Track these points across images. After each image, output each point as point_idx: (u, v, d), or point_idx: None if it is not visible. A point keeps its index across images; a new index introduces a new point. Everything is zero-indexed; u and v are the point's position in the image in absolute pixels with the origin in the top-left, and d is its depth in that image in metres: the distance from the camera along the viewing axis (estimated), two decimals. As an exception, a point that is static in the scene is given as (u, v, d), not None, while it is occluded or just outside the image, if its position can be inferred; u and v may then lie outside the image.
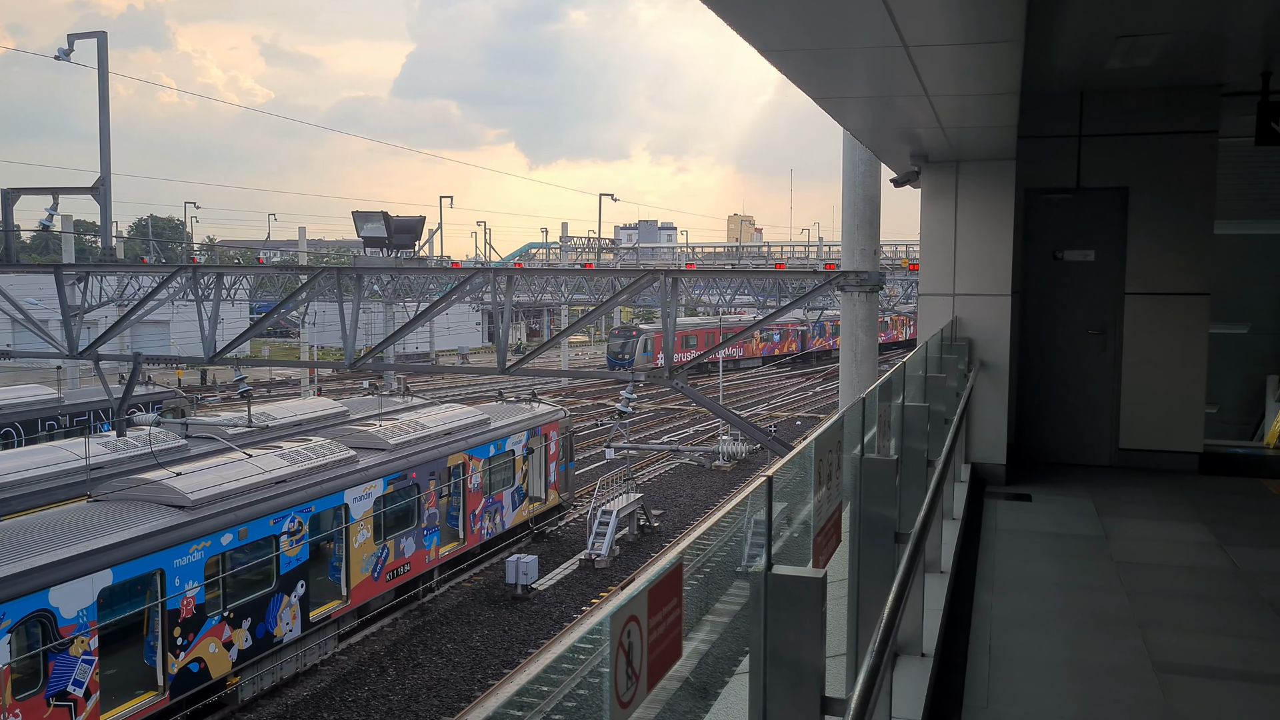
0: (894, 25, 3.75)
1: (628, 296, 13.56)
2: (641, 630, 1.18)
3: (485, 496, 22.74)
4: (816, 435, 2.40)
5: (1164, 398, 8.77)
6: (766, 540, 1.93)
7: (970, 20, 3.73)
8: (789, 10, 3.62)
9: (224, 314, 31.36)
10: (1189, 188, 8.57)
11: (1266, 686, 4.41)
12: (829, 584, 1.92)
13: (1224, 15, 6.29)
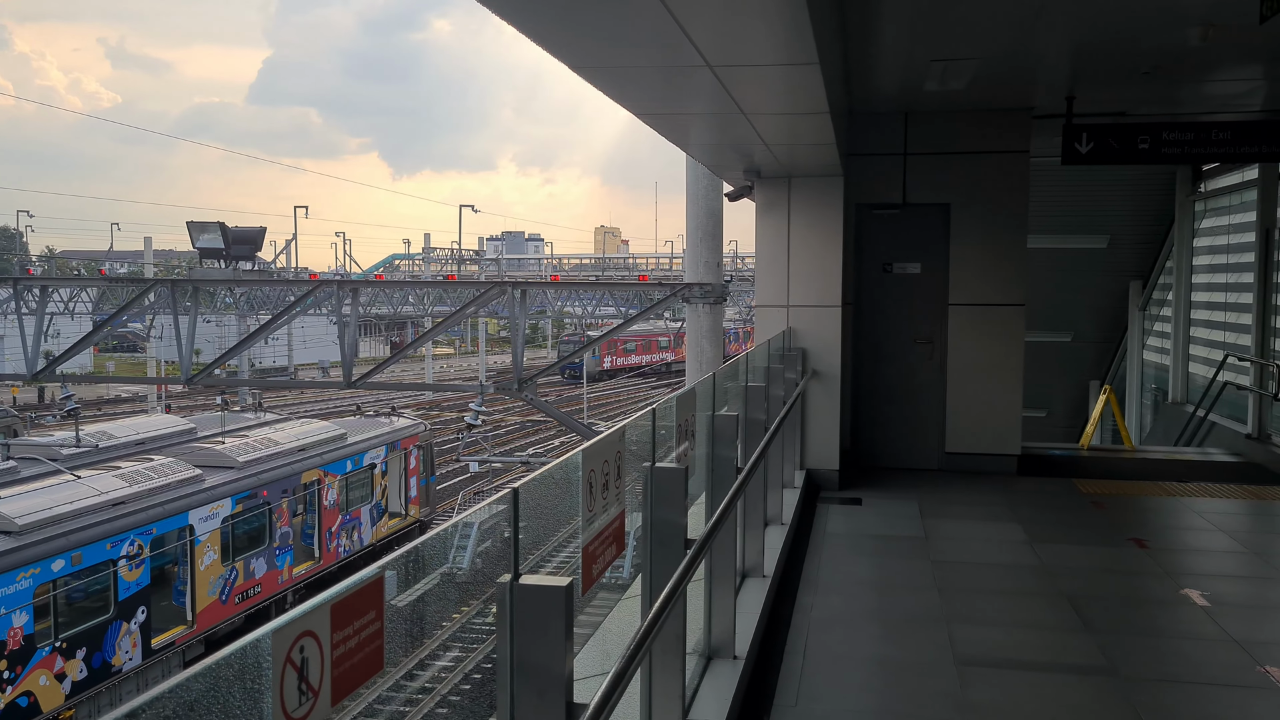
0: (694, 47, 3.87)
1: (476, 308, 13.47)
2: (321, 646, 1.20)
3: (342, 513, 22.22)
4: (585, 447, 2.45)
5: (986, 403, 9.23)
6: (513, 552, 1.97)
7: (764, 44, 3.87)
8: (590, 29, 3.69)
9: (64, 329, 29.66)
10: (1004, 204, 9.05)
11: (1056, 674, 4.68)
12: (626, 592, 1.97)
13: (1027, 43, 6.68)
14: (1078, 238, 13.79)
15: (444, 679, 18.18)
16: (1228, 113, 9.13)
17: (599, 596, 12.77)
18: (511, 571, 1.95)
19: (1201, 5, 5.74)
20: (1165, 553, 6.67)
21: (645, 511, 3.17)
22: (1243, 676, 4.60)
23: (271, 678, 1.09)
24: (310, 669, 1.18)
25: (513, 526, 1.95)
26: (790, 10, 3.38)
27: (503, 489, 5.11)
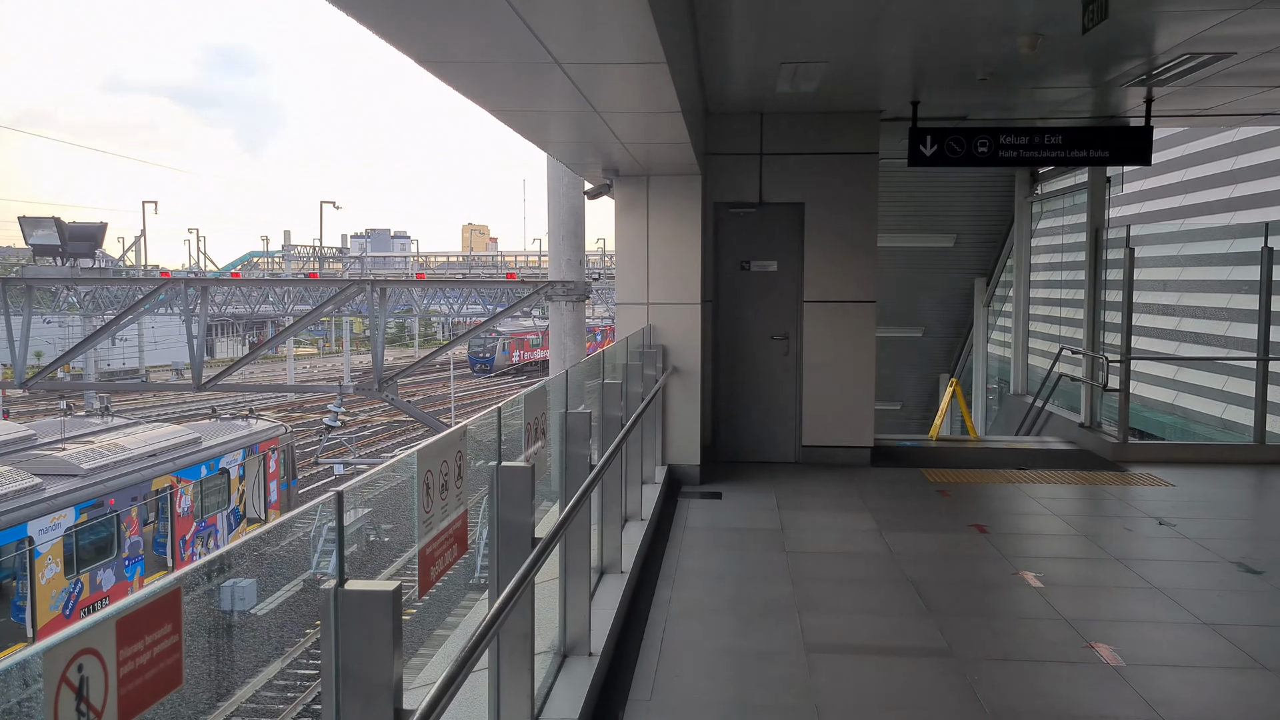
0: (539, 43, 3.86)
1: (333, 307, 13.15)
2: (104, 663, 1.15)
3: (197, 520, 21.38)
4: (420, 448, 2.42)
5: (840, 397, 9.51)
6: (338, 556, 1.93)
7: (609, 41, 3.90)
8: (431, 21, 3.64)
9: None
10: (855, 204, 9.34)
11: (898, 657, 4.86)
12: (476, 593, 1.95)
13: (870, 49, 6.90)
14: (926, 236, 14.33)
15: (306, 688, 17.69)
16: (1060, 118, 9.64)
17: (466, 598, 12.62)
18: (336, 576, 1.91)
19: (1029, 16, 6.04)
20: (1003, 537, 7.00)
21: (491, 511, 3.15)
22: (1070, 652, 4.86)
23: (44, 699, 1.04)
24: (92, 688, 1.13)
25: (338, 531, 1.91)
26: (632, 8, 3.40)
27: (367, 490, 4.92)
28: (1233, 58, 7.09)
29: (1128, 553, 6.66)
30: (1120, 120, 9.48)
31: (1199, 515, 7.63)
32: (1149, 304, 24.02)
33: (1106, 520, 7.70)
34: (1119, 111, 9.24)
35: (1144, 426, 23.15)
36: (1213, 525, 7.32)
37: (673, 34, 4.47)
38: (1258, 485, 8.87)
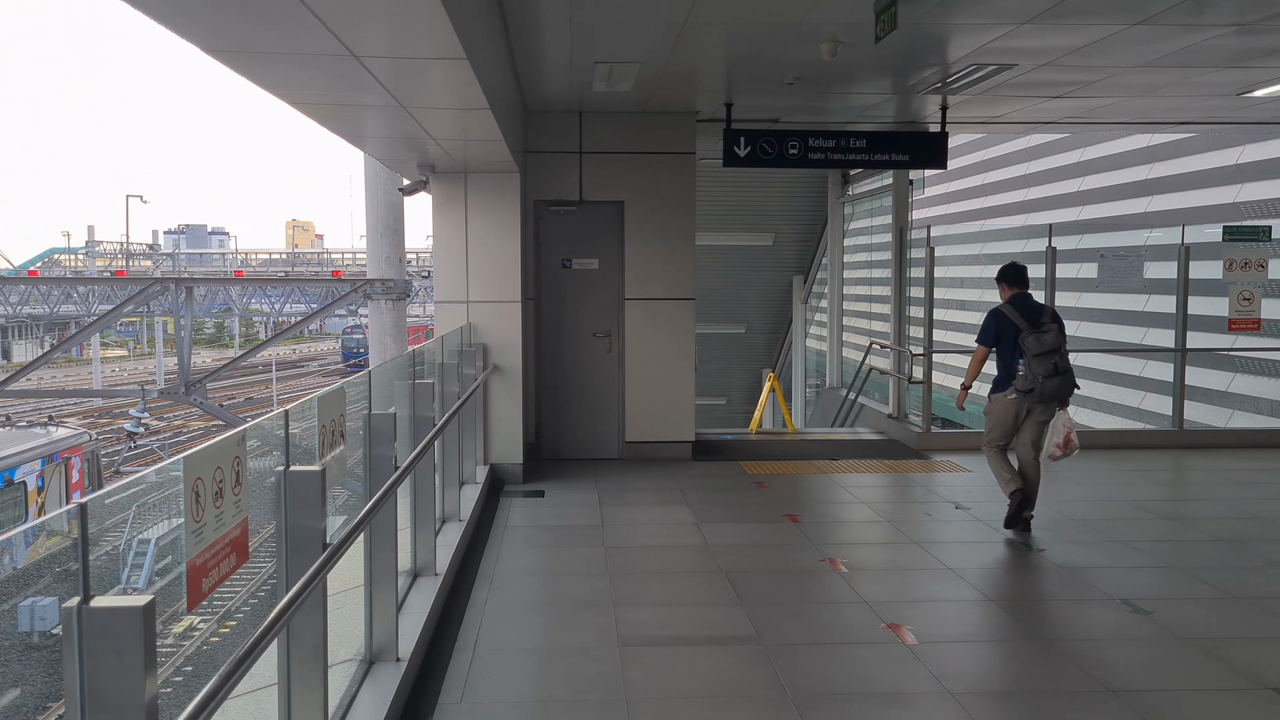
0: (331, 34, 3.75)
1: (134, 307, 12.46)
2: None
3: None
4: (188, 455, 2.32)
5: (661, 393, 9.65)
6: (82, 571, 1.82)
7: (402, 35, 3.83)
8: (215, 9, 3.49)
9: None
10: (674, 203, 9.50)
11: (708, 647, 4.97)
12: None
13: (682, 52, 7.02)
14: (747, 235, 14.73)
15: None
16: (867, 123, 10.07)
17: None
18: (80, 593, 1.81)
19: (828, 24, 6.28)
20: (814, 526, 7.26)
21: (279, 517, 3.05)
22: (870, 634, 5.09)
23: None
24: None
25: (81, 544, 1.81)
26: (424, 1, 3.35)
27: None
28: (1016, 69, 7.57)
29: (926, 536, 7.02)
30: (920, 126, 9.98)
31: (991, 499, 8.10)
32: (954, 300, 25.44)
33: (909, 506, 8.10)
34: (919, 118, 9.72)
35: (951, 416, 24.55)
36: (1003, 508, 7.78)
37: (475, 29, 4.43)
38: (1046, 468, 9.48)
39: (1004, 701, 4.28)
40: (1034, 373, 6.71)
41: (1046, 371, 6.67)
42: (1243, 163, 16.96)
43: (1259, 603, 5.51)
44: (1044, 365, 6.67)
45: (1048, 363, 6.67)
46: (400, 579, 5.27)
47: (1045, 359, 6.67)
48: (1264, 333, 10.56)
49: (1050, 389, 6.70)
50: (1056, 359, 6.69)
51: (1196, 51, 7.08)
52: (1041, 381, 6.69)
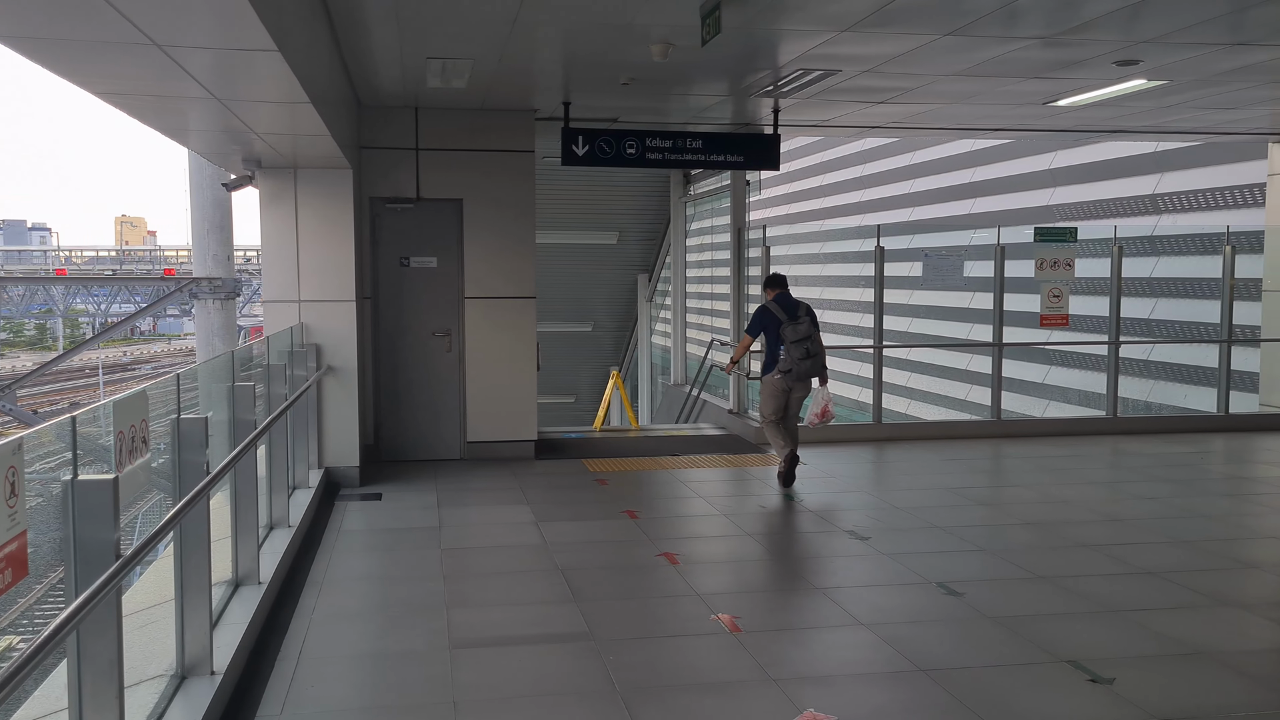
0: (127, 21, 3.58)
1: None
2: None
3: None
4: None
5: (503, 392, 9.60)
6: None
7: (203, 23, 3.69)
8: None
9: None
10: (514, 201, 9.46)
11: (541, 645, 4.97)
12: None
13: (515, 50, 6.99)
14: (592, 234, 14.80)
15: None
16: (705, 125, 10.26)
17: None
18: None
19: (658, 26, 6.36)
20: (652, 521, 7.36)
21: (67, 530, 2.89)
22: (700, 626, 5.19)
23: None
24: None
25: None
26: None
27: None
28: (840, 74, 7.85)
29: (758, 528, 7.21)
30: (755, 128, 10.23)
31: (825, 490, 8.40)
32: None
33: (745, 499, 8.29)
34: (753, 120, 9.96)
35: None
36: (835, 498, 8.09)
37: (289, 20, 4.30)
38: (876, 460, 9.90)
39: (822, 685, 4.43)
40: (792, 356, 8.17)
41: (801, 355, 8.16)
42: (1055, 168, 18.07)
43: (1059, 581, 5.88)
44: (799, 349, 8.16)
45: (801, 348, 8.16)
46: (221, 589, 5.09)
47: (800, 345, 8.16)
48: (1072, 328, 11.26)
49: (804, 369, 8.20)
50: (809, 345, 8.18)
51: (1005, 62, 7.49)
52: (798, 363, 8.17)
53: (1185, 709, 4.15)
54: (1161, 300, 15.74)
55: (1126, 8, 6.01)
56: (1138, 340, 15.38)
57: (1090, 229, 14.39)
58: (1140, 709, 4.14)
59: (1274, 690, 4.38)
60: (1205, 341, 14.21)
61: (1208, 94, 8.74)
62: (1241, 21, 6.38)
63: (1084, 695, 4.29)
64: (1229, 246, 11.52)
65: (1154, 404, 15.17)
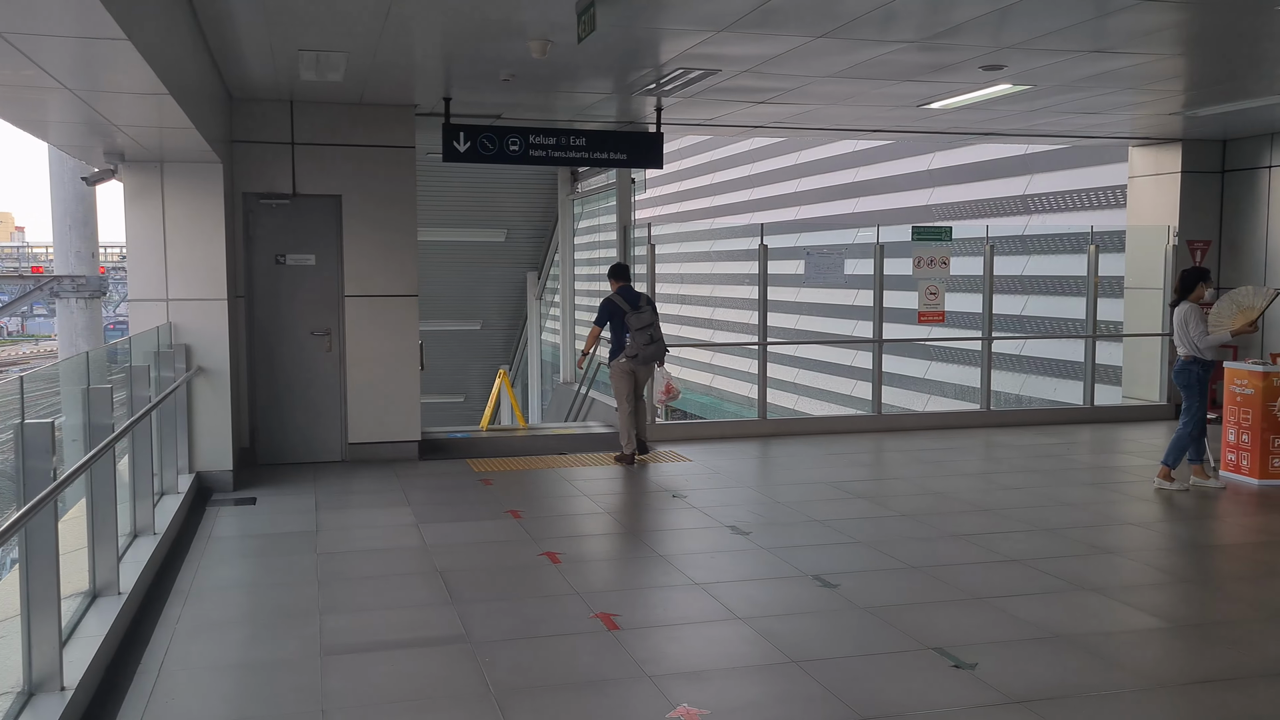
0: (-41, 6, 3.39)
1: None
2: None
3: None
4: None
5: (385, 393, 9.42)
6: None
7: (44, 10, 3.51)
8: None
9: None
10: (394, 198, 9.29)
11: (416, 649, 4.89)
12: None
13: (390, 43, 6.86)
14: (480, 231, 14.66)
15: None
16: (591, 122, 10.24)
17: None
18: None
19: (535, 22, 6.32)
20: (536, 520, 7.31)
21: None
22: (578, 625, 5.17)
23: None
24: None
25: None
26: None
27: None
28: (720, 74, 7.92)
29: (642, 526, 7.24)
30: (639, 126, 10.26)
31: (708, 486, 8.48)
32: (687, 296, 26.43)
33: (630, 497, 8.32)
34: (637, 118, 9.99)
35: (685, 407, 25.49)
36: (717, 494, 8.16)
37: (138, 6, 4.12)
38: (761, 455, 10.04)
39: (697, 680, 4.46)
40: (637, 342, 9.09)
41: (645, 341, 9.11)
42: (933, 169, 18.61)
43: (930, 570, 6.05)
44: (643, 336, 9.09)
45: (645, 335, 9.09)
46: (76, 601, 4.88)
47: (643, 332, 9.09)
48: (949, 324, 11.60)
49: (648, 354, 9.15)
50: (652, 331, 9.13)
51: (881, 64, 7.66)
52: (643, 348, 9.10)
53: (1042, 690, 4.31)
54: (1032, 297, 16.37)
55: (994, 13, 6.20)
56: (1010, 336, 15.94)
57: (966, 228, 14.87)
58: (999, 692, 4.28)
59: (1125, 670, 4.58)
60: (1072, 337, 14.82)
61: (1071, 99, 9.10)
62: (1102, 29, 6.65)
63: (948, 680, 4.42)
64: (1093, 246, 12.03)
65: (1025, 397, 15.78)
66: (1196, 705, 4.23)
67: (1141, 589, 5.84)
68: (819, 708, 4.16)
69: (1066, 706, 4.15)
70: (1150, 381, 12.20)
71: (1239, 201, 11.72)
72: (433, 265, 14.97)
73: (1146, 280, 12.15)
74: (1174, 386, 11.69)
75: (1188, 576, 6.12)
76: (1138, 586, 5.88)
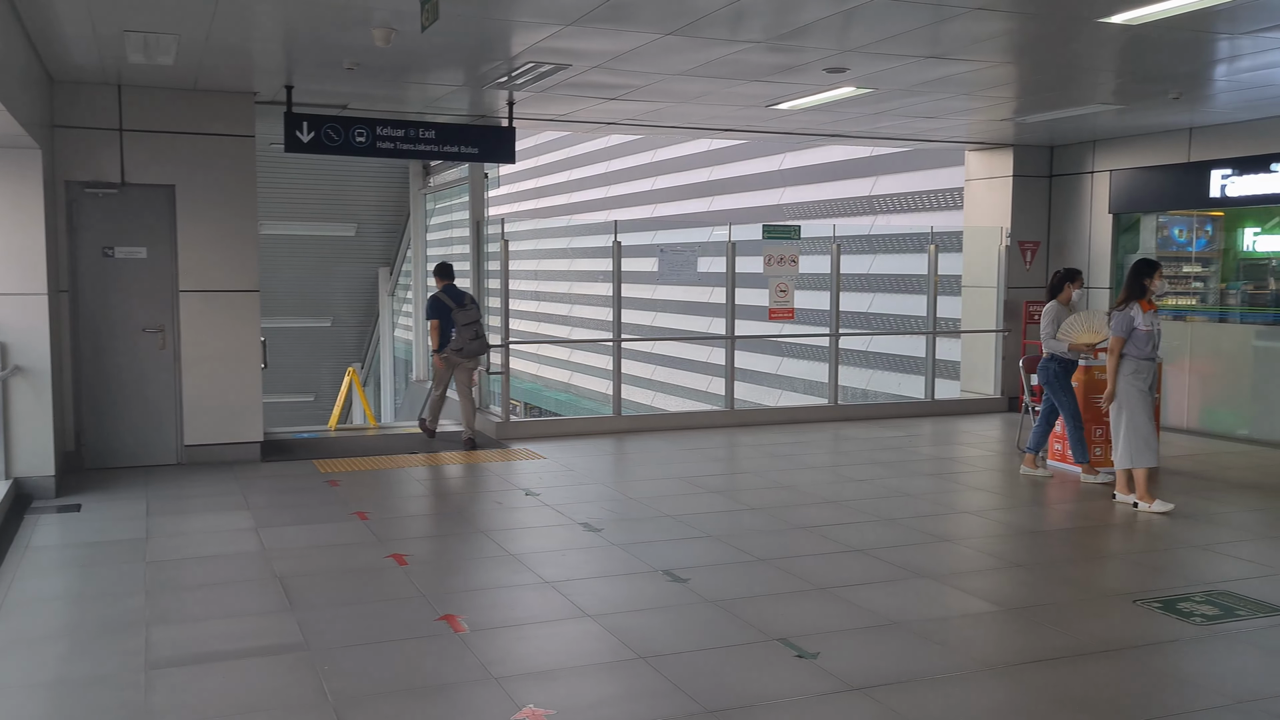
0: None
1: None
2: None
3: None
4: None
5: (225, 392, 9.03)
6: None
7: None
8: None
9: None
10: (233, 189, 8.91)
11: (250, 660, 4.68)
12: None
13: (225, 26, 6.55)
14: (329, 225, 14.23)
15: None
16: (442, 115, 10.04)
17: None
18: None
19: (378, 9, 6.14)
20: (383, 522, 7.12)
21: None
22: (423, 628, 5.04)
23: None
24: None
25: None
26: None
27: None
28: (571, 69, 7.88)
29: (493, 525, 7.14)
30: (492, 120, 10.12)
31: (561, 484, 8.43)
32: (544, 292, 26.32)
33: (482, 496, 8.19)
34: (490, 112, 9.85)
35: (544, 404, 25.40)
36: (570, 491, 8.13)
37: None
38: (615, 452, 10.05)
39: (544, 680, 4.41)
40: (463, 337, 9.65)
41: (470, 336, 9.68)
42: (784, 169, 19.04)
43: (777, 562, 6.16)
44: (469, 331, 9.68)
45: (471, 330, 9.68)
46: None
47: (470, 327, 9.68)
48: (798, 321, 11.87)
49: (472, 348, 9.73)
50: (476, 328, 9.72)
51: (730, 64, 7.76)
52: (469, 342, 9.68)
53: (880, 677, 4.43)
54: (878, 295, 16.95)
55: (838, 15, 6.35)
56: (856, 333, 16.45)
57: (815, 228, 15.25)
58: (839, 680, 4.38)
59: (959, 653, 4.75)
60: (914, 333, 15.40)
61: (911, 103, 9.43)
62: (938, 35, 6.89)
63: (791, 670, 4.50)
64: (933, 246, 12.51)
65: (871, 392, 16.32)
66: (1023, 685, 4.42)
67: (974, 574, 6.09)
68: (665, 703, 4.16)
69: (902, 691, 4.28)
70: (986, 376, 12.77)
71: (1065, 204, 12.39)
72: (279, 260, 14.45)
73: (982, 279, 12.72)
74: (1008, 380, 12.29)
75: (1017, 561, 6.41)
76: (971, 572, 6.13)
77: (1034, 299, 12.47)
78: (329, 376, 17.70)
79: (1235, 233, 11.18)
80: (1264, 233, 10.90)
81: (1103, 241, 11.90)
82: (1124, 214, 11.74)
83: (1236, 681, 4.44)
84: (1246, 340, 10.49)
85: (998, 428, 11.38)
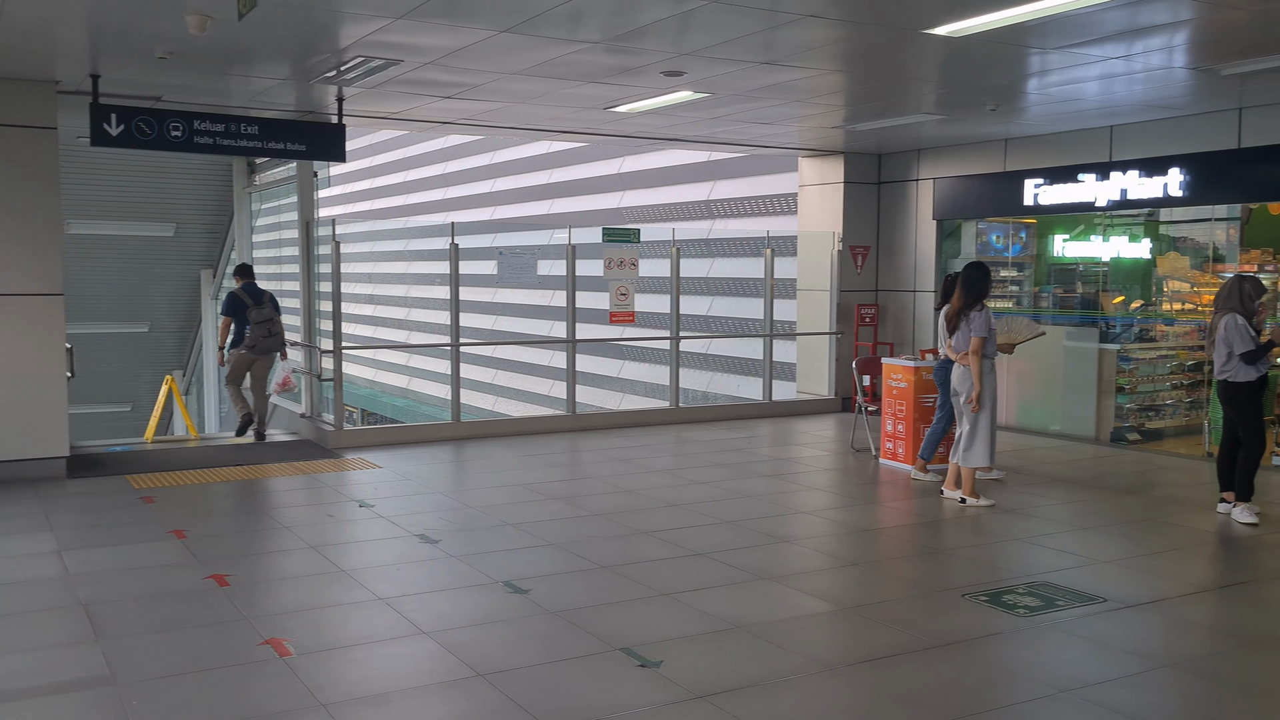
0: None
1: None
2: None
3: None
4: None
5: (24, 404, 8.36)
6: None
7: None
8: None
9: None
10: (31, 184, 8.25)
11: (46, 697, 4.28)
12: None
13: (18, 7, 6.02)
14: (146, 225, 13.40)
15: None
16: (268, 110, 9.56)
17: None
18: None
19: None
20: (203, 540, 6.69)
21: None
22: (246, 654, 4.73)
23: None
24: None
25: None
26: None
27: None
28: (403, 65, 7.61)
29: (324, 539, 6.81)
30: (322, 116, 9.71)
31: (397, 494, 8.14)
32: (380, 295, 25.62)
33: (313, 509, 7.82)
34: (319, 108, 9.44)
35: (383, 411, 24.70)
36: (406, 502, 7.85)
37: None
38: (454, 459, 9.80)
39: (377, 704, 4.19)
40: (256, 334, 10.02)
41: (264, 334, 10.05)
42: (624, 172, 19.09)
43: (620, 569, 6.08)
44: (262, 329, 10.03)
45: (264, 328, 10.04)
46: None
47: (263, 325, 10.03)
48: (639, 324, 11.88)
49: (266, 345, 10.10)
50: (270, 325, 10.07)
51: (566, 64, 7.65)
52: (261, 340, 10.05)
53: (724, 683, 4.40)
54: (717, 298, 17.20)
55: (675, 18, 6.33)
56: (696, 335, 16.64)
57: (654, 231, 15.34)
58: (683, 688, 4.33)
59: (799, 655, 4.78)
60: (752, 336, 15.67)
61: (746, 108, 9.55)
62: (772, 41, 6.97)
63: (634, 681, 4.42)
64: (769, 250, 12.75)
65: (711, 394, 16.53)
66: (859, 685, 4.47)
67: (812, 575, 6.17)
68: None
69: (745, 697, 4.26)
70: (820, 377, 13.10)
71: (892, 210, 12.83)
72: (89, 261, 13.51)
73: (816, 283, 13.04)
74: (842, 381, 12.63)
75: (853, 560, 6.54)
76: (809, 572, 6.21)
77: (865, 302, 12.87)
78: (147, 385, 16.67)
79: (1047, 239, 11.82)
80: (1072, 239, 11.57)
81: (928, 247, 12.38)
82: (947, 220, 12.25)
83: (1059, 670, 4.62)
84: (1058, 341, 11.09)
85: (832, 427, 11.67)
